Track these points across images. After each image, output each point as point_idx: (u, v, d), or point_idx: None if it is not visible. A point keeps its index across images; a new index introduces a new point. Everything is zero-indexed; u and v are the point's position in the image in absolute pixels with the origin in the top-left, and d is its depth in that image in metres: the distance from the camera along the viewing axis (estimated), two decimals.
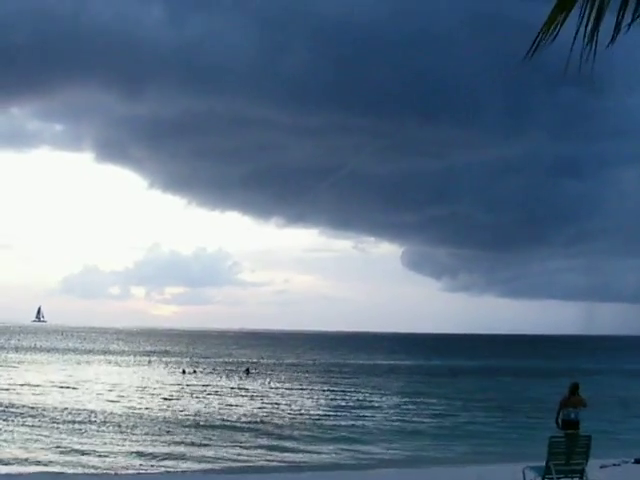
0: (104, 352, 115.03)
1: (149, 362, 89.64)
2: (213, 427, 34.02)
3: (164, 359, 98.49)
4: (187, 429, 33.04)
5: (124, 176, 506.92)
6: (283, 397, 49.34)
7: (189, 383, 59.56)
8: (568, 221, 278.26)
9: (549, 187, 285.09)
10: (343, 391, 54.59)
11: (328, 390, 55.19)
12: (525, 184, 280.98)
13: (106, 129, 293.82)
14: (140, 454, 26.25)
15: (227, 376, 68.53)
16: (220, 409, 41.49)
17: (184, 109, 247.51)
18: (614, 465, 19.63)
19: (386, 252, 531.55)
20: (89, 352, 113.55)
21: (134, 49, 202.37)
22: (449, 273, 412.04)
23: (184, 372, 71.36)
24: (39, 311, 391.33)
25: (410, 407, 45.02)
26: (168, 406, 42.28)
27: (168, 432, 31.95)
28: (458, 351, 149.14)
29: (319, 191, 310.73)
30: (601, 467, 18.41)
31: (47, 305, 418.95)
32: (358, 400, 48.67)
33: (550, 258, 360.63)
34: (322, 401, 47.66)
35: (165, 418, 36.78)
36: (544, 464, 15.33)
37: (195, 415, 38.25)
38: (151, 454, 26.36)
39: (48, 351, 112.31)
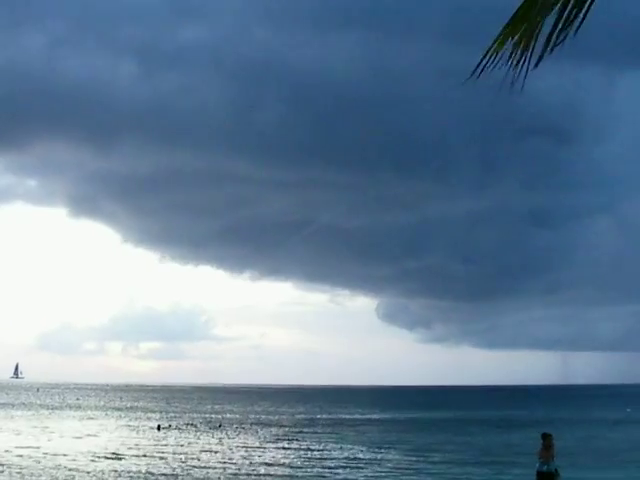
0: (80, 408, 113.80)
1: (127, 418, 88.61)
2: None
3: (140, 414, 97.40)
4: None
5: (98, 231, 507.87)
6: (252, 451, 48.67)
7: (165, 438, 59.08)
8: (542, 271, 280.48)
9: (522, 237, 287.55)
10: (314, 445, 53.85)
11: (298, 445, 54.46)
12: (498, 235, 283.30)
13: (79, 184, 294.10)
14: None
15: (201, 431, 67.77)
16: (193, 465, 40.93)
17: (158, 164, 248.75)
18: None
19: (361, 305, 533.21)
20: (66, 408, 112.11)
21: (107, 104, 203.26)
22: (423, 324, 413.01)
23: (159, 428, 70.52)
24: (17, 368, 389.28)
25: (389, 460, 44.61)
26: (143, 462, 41.62)
27: None
28: (434, 403, 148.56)
29: (293, 244, 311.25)
30: None
31: (24, 361, 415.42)
32: (327, 453, 48.22)
33: (525, 308, 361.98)
34: (291, 456, 46.97)
35: (139, 474, 36.22)
36: None
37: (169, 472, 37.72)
38: None
39: (26, 407, 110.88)
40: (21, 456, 43.22)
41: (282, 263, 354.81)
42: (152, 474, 36.22)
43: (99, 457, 44.05)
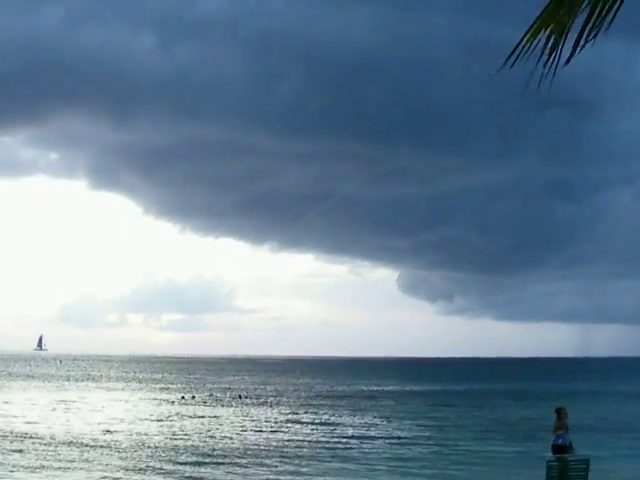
0: (106, 379, 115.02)
1: (150, 390, 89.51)
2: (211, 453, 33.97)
3: (163, 386, 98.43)
4: (186, 453, 33.01)
5: (119, 203, 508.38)
6: (271, 423, 49.07)
7: (188, 408, 59.91)
8: (563, 243, 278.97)
9: (542, 210, 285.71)
10: (332, 417, 54.29)
11: (318, 416, 54.93)
12: (518, 207, 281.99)
13: (99, 157, 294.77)
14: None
15: (222, 402, 68.43)
16: (216, 435, 41.41)
17: (177, 136, 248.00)
18: None
19: (382, 276, 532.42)
20: (92, 379, 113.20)
21: (127, 76, 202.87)
22: (444, 296, 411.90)
23: (183, 398, 71.56)
24: (40, 340, 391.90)
25: (405, 432, 44.97)
26: (169, 431, 42.18)
27: (166, 458, 31.91)
28: (454, 375, 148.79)
29: (313, 216, 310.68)
30: None
31: (45, 333, 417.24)
32: (353, 425, 48.62)
33: (546, 280, 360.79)
34: (308, 428, 47.32)
35: (165, 444, 36.73)
36: None
37: (194, 439, 38.22)
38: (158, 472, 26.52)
39: (54, 378, 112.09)
40: (38, 424, 44.02)
41: (302, 235, 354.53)
42: (177, 445, 36.67)
43: (123, 428, 44.73)
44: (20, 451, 32.99)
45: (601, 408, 60.89)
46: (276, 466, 29.61)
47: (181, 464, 29.91)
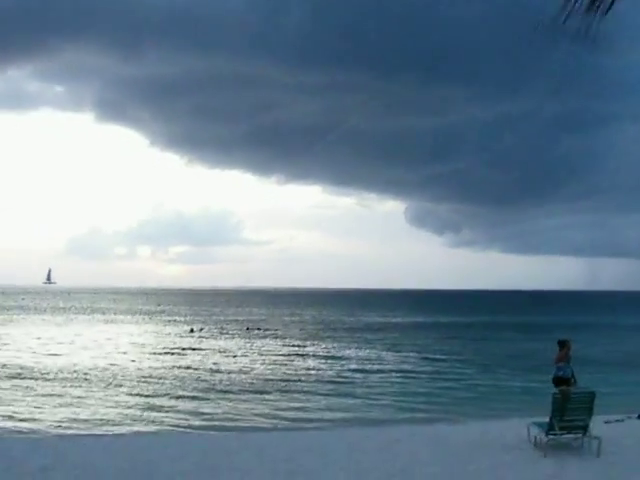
0: (114, 312, 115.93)
1: (160, 322, 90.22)
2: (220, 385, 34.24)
3: (173, 318, 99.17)
4: (197, 386, 33.30)
5: (125, 135, 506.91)
6: (277, 355, 49.34)
7: (196, 341, 60.50)
8: (572, 177, 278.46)
9: (550, 143, 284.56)
10: (339, 349, 54.65)
11: (323, 348, 55.25)
12: (527, 140, 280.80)
13: (106, 89, 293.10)
14: (148, 407, 26.52)
15: (231, 334, 68.92)
16: (226, 365, 41.71)
17: (184, 69, 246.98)
18: (617, 421, 19.67)
19: (390, 209, 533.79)
20: (100, 312, 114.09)
21: (133, 10, 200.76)
22: (452, 229, 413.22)
23: (192, 330, 72.11)
24: (49, 273, 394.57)
25: (411, 365, 45.21)
26: (175, 365, 42.50)
27: (177, 387, 32.24)
28: (461, 308, 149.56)
29: (320, 148, 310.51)
30: (605, 422, 18.47)
31: (54, 267, 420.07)
32: (359, 356, 49.04)
33: (554, 214, 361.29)
34: (312, 359, 47.72)
35: (175, 375, 37.04)
36: (548, 420, 15.41)
37: (200, 373, 38.52)
38: (159, 407, 26.76)
39: (62, 311, 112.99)
40: (55, 355, 44.44)
41: (309, 167, 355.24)
42: (183, 379, 36.93)
43: (135, 359, 45.19)
44: (26, 387, 33.25)
45: (607, 341, 61.15)
46: (277, 400, 29.79)
47: (185, 398, 30.08)
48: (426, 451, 15.82)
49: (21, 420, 24.00)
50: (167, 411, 26.76)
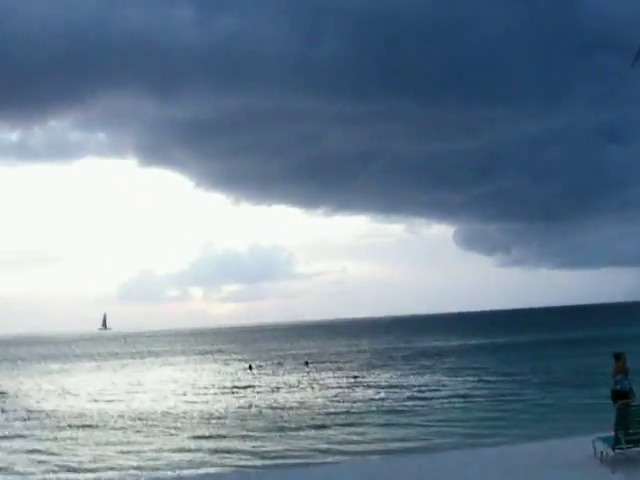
0: (170, 354, 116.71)
1: (217, 361, 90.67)
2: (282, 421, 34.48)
3: (229, 356, 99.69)
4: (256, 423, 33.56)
5: (169, 178, 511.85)
6: (336, 388, 49.31)
7: (256, 377, 60.96)
8: (617, 187, 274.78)
9: (594, 154, 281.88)
10: (400, 376, 54.75)
11: (381, 377, 55.22)
12: (569, 153, 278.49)
13: (146, 133, 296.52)
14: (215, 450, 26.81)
15: (289, 369, 69.13)
16: (287, 401, 41.94)
17: (222, 108, 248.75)
18: None
19: (438, 233, 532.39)
20: (156, 355, 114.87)
21: (167, 52, 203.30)
22: (502, 249, 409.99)
23: (250, 368, 72.42)
24: (105, 319, 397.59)
25: (469, 389, 45.13)
26: (239, 402, 42.85)
27: (230, 430, 32.50)
28: (515, 327, 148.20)
29: (364, 178, 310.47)
30: None
31: (108, 312, 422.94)
32: (421, 381, 49.03)
33: (603, 225, 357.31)
34: (371, 390, 47.76)
35: (235, 414, 37.34)
36: (613, 434, 15.40)
37: (261, 409, 38.81)
38: (221, 449, 27.01)
39: (120, 356, 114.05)
40: (114, 401, 45.02)
41: (354, 197, 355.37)
42: (244, 416, 37.26)
43: (200, 397, 45.75)
44: (93, 426, 33.84)
45: None
46: (337, 433, 29.84)
47: (246, 437, 30.25)
48: (494, 473, 15.90)
49: (86, 470, 24.30)
50: (229, 452, 27.02)
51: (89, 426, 35.15)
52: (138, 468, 24.23)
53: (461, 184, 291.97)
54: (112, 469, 24.17)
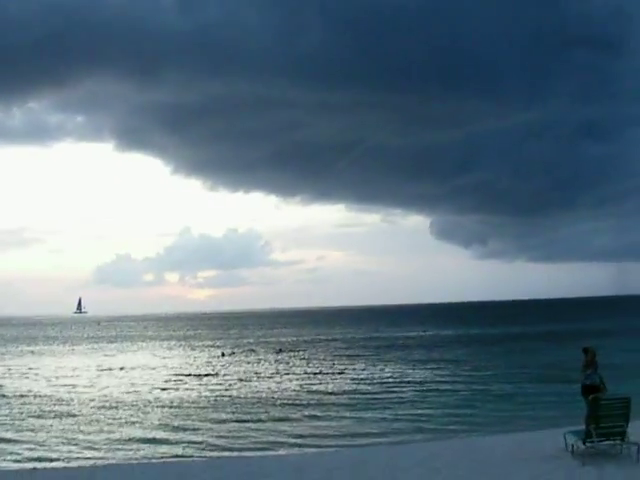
0: (144, 339, 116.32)
1: (191, 347, 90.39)
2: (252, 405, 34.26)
3: (203, 342, 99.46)
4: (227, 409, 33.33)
5: (148, 163, 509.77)
6: (308, 376, 49.17)
7: (229, 364, 60.85)
8: (594, 183, 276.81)
9: (573, 150, 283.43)
10: (375, 365, 54.68)
11: (352, 367, 55.09)
12: (548, 149, 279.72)
13: (126, 117, 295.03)
14: (193, 440, 26.52)
15: (262, 357, 68.96)
16: (256, 391, 41.73)
17: (202, 94, 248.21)
18: None
19: (415, 223, 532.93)
20: (130, 340, 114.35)
21: (150, 36, 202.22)
22: (479, 241, 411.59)
23: (223, 355, 72.27)
24: (80, 302, 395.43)
25: (445, 376, 45.16)
26: (206, 390, 42.57)
27: (200, 417, 32.24)
28: (492, 318, 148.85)
29: (342, 167, 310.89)
30: None
31: (84, 296, 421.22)
32: (392, 373, 48.94)
33: (579, 221, 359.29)
34: (353, 374, 47.79)
35: (203, 400, 37.09)
36: (584, 428, 15.32)
37: (231, 396, 38.59)
38: (189, 430, 26.71)
39: (94, 340, 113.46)
40: (81, 385, 44.65)
41: (332, 186, 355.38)
42: (214, 404, 37.02)
43: (171, 384, 45.49)
44: (64, 415, 33.41)
45: (637, 346, 60.61)
46: (305, 421, 29.73)
47: (215, 422, 30.07)
48: (465, 464, 15.75)
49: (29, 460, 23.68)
50: (201, 434, 26.78)
51: (50, 412, 34.46)
52: (91, 458, 23.28)
53: (439, 175, 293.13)
54: (56, 460, 23.16)
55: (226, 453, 23.40)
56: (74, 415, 33.37)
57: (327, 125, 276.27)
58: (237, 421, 30.31)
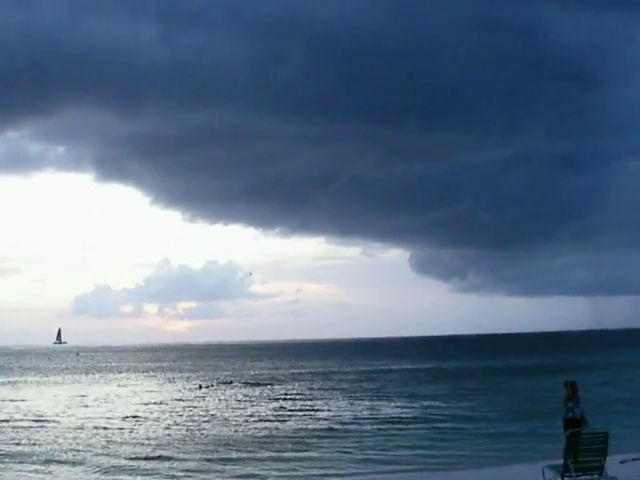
0: (120, 370, 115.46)
1: (168, 379, 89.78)
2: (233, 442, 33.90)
3: (181, 374, 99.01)
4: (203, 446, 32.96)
5: (127, 193, 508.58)
6: (282, 409, 48.99)
7: (206, 396, 60.60)
8: (572, 216, 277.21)
9: (550, 183, 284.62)
10: (339, 400, 54.32)
11: (327, 400, 54.77)
12: (526, 182, 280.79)
13: (106, 148, 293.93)
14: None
15: (237, 388, 68.60)
16: (236, 422, 41.37)
17: (182, 124, 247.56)
18: (634, 460, 19.42)
19: (394, 257, 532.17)
20: (107, 371, 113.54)
21: (129, 67, 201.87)
22: (458, 274, 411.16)
23: (200, 387, 71.92)
24: (59, 333, 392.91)
25: (424, 410, 44.94)
26: (189, 421, 42.23)
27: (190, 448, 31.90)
28: (470, 352, 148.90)
29: (321, 199, 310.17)
30: (621, 462, 18.24)
31: (63, 326, 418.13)
32: (366, 406, 48.75)
33: (557, 254, 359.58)
34: (333, 408, 47.52)
35: (185, 435, 36.73)
36: (562, 462, 15.24)
37: (204, 430, 38.24)
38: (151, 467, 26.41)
39: (73, 371, 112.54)
40: (66, 416, 44.13)
41: (312, 218, 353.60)
42: (196, 433, 36.73)
43: (146, 417, 45.00)
44: (36, 443, 33.00)
45: (616, 381, 60.69)
46: (265, 459, 28.87)
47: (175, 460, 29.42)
48: None
49: None
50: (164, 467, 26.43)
51: (17, 444, 33.79)
52: None
53: (418, 208, 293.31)
54: None
55: None
56: (41, 444, 33.00)
57: (306, 157, 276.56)
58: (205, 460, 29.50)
